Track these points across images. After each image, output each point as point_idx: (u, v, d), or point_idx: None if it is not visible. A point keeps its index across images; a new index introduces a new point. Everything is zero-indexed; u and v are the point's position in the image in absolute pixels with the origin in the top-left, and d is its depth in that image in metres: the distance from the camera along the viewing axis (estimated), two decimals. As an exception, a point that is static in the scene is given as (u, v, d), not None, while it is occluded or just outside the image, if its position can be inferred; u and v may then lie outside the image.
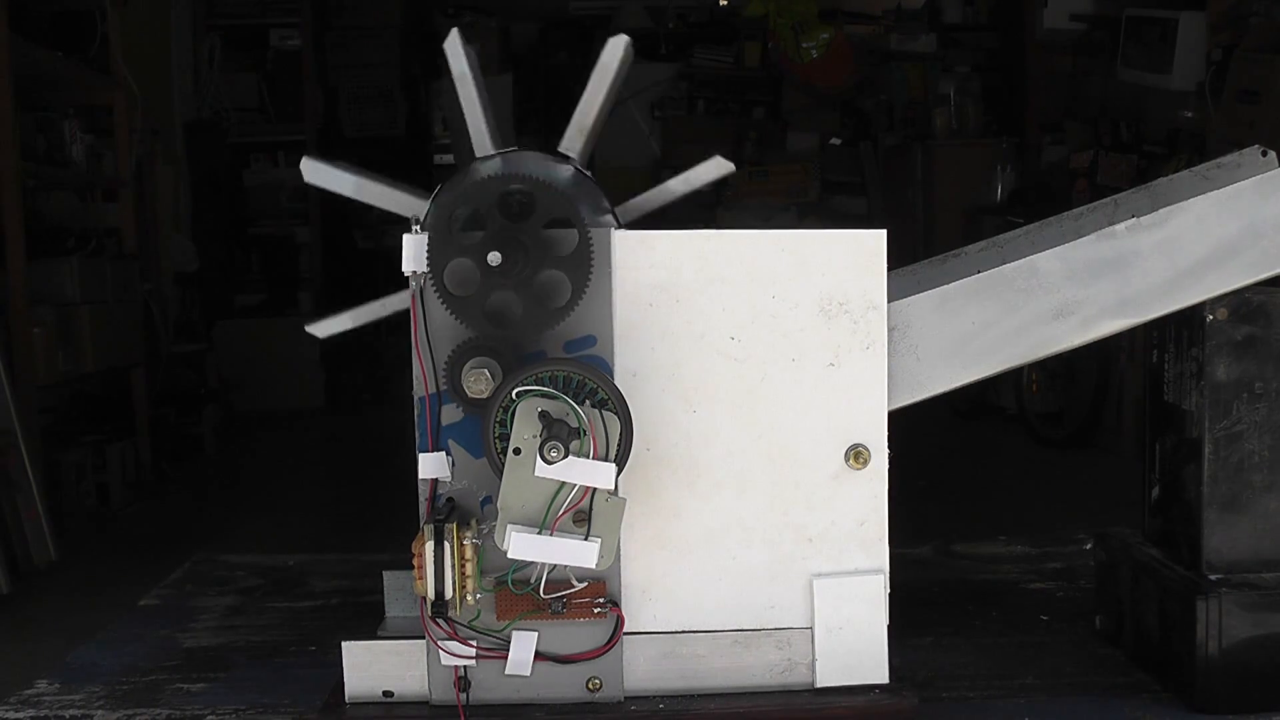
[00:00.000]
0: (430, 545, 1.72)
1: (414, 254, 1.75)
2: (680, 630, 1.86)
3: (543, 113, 7.84)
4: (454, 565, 1.72)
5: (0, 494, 3.62)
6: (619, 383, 1.77)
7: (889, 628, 1.87)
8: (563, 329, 1.76)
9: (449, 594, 1.73)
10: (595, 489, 1.70)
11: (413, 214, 1.82)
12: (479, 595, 1.77)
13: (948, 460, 4.98)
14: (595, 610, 1.81)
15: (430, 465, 1.81)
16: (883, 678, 1.87)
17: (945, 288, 1.93)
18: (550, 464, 1.66)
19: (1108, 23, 5.70)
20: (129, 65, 4.87)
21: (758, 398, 1.85)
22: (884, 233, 1.84)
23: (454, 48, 1.87)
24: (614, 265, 1.80)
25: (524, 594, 1.79)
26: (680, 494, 1.85)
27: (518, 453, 1.69)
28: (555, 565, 1.76)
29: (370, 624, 1.95)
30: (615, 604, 1.82)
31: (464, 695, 1.82)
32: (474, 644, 1.81)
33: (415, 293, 1.78)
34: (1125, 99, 5.64)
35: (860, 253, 1.84)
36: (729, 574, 1.86)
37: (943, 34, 7.33)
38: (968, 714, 2.05)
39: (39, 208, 4.60)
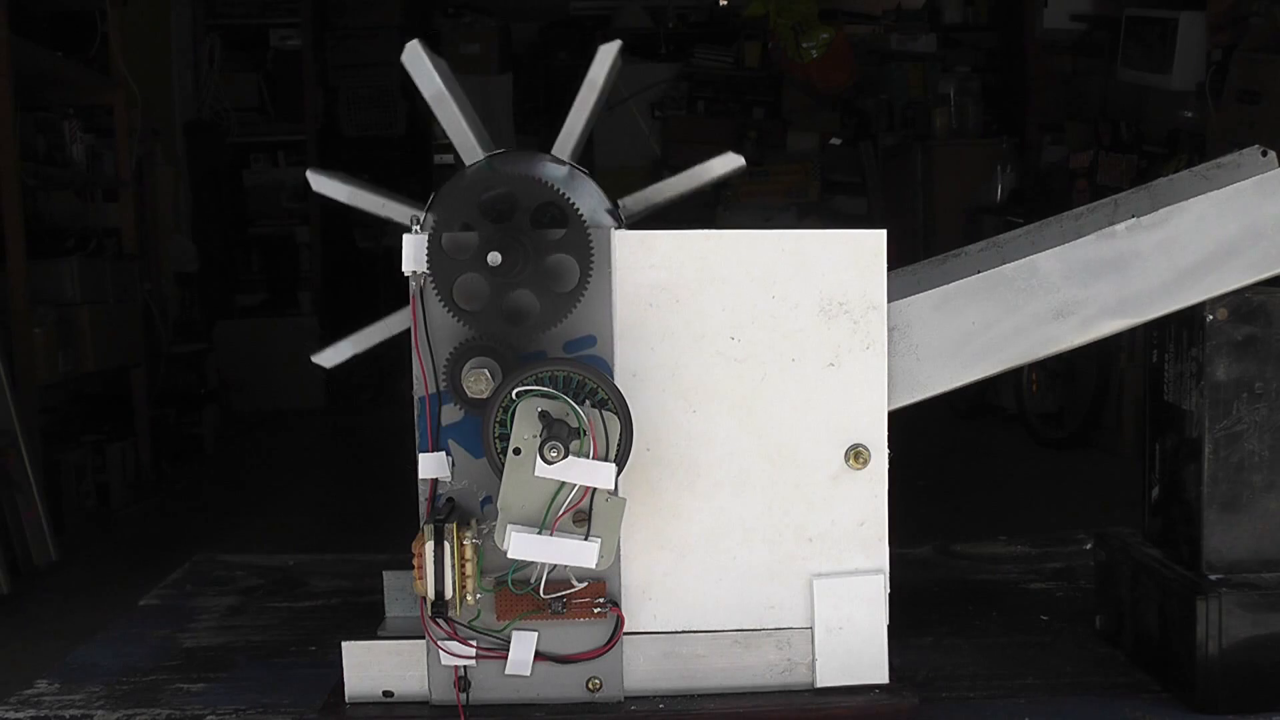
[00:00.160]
0: (430, 545, 1.72)
1: (414, 254, 1.75)
2: (680, 630, 1.86)
3: (543, 113, 7.84)
4: (454, 565, 1.72)
5: (0, 494, 3.63)
6: (619, 383, 1.77)
7: (889, 628, 1.87)
8: (563, 329, 1.76)
9: (449, 594, 1.73)
10: (595, 489, 1.70)
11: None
12: (479, 595, 1.77)
13: (948, 460, 4.98)
14: (595, 610, 1.81)
15: (430, 465, 1.81)
16: (883, 678, 1.87)
17: (945, 288, 1.93)
18: (550, 464, 1.66)
19: (1108, 23, 5.71)
20: (129, 65, 4.87)
21: (758, 398, 1.85)
22: (884, 233, 1.84)
23: (416, 63, 1.79)
24: (614, 265, 1.80)
25: (524, 594, 1.79)
26: (680, 494, 1.85)
27: (518, 453, 1.69)
28: (555, 565, 1.76)
29: (370, 624, 1.95)
30: (615, 604, 1.82)
31: (464, 695, 1.82)
32: (474, 644, 1.81)
33: (415, 293, 1.78)
34: (1125, 99, 5.64)
35: (860, 253, 1.84)
36: (729, 574, 1.86)
37: (943, 34, 7.34)
38: (968, 714, 2.04)
39: (39, 208, 4.60)
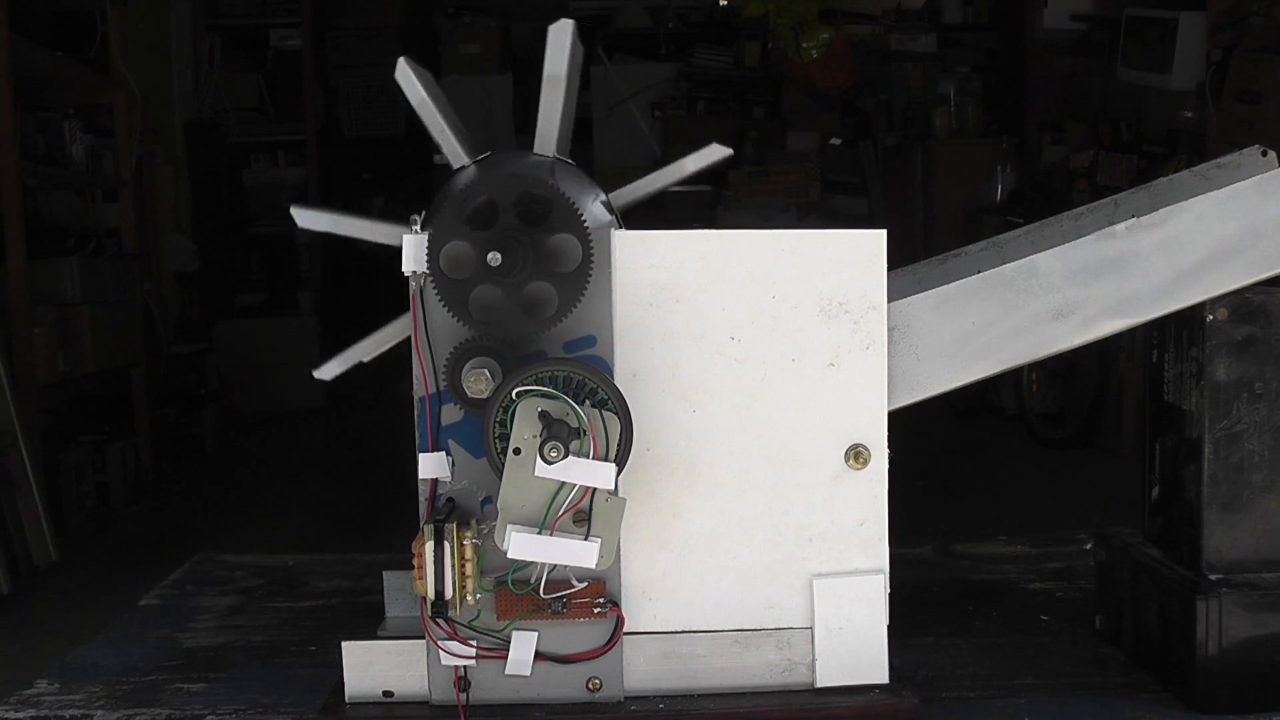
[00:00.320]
0: (430, 545, 1.72)
1: (414, 254, 1.75)
2: (680, 630, 1.86)
3: (543, 113, 7.83)
4: (454, 565, 1.72)
5: (0, 494, 3.63)
6: (619, 383, 1.77)
7: (889, 628, 1.87)
8: (563, 329, 1.76)
9: (449, 594, 1.73)
10: (595, 489, 1.70)
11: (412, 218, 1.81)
12: (479, 595, 1.76)
13: (948, 460, 4.98)
14: (595, 610, 1.81)
15: (430, 465, 1.81)
16: (883, 678, 1.87)
17: (945, 288, 1.93)
18: (550, 464, 1.66)
19: (1108, 23, 5.71)
20: (129, 65, 4.87)
21: (758, 398, 1.84)
22: (884, 233, 1.84)
23: (405, 79, 1.81)
24: (614, 265, 1.80)
25: (524, 594, 1.79)
26: (680, 494, 1.85)
27: (518, 453, 1.69)
28: (555, 565, 1.76)
29: (370, 624, 1.94)
30: (615, 604, 1.82)
31: (464, 695, 1.82)
32: (474, 644, 1.81)
33: (415, 293, 1.78)
34: (1125, 99, 5.65)
35: (860, 253, 1.84)
36: (729, 574, 1.86)
37: (943, 34, 7.34)
38: (968, 714, 2.04)
39: (39, 208, 4.60)
